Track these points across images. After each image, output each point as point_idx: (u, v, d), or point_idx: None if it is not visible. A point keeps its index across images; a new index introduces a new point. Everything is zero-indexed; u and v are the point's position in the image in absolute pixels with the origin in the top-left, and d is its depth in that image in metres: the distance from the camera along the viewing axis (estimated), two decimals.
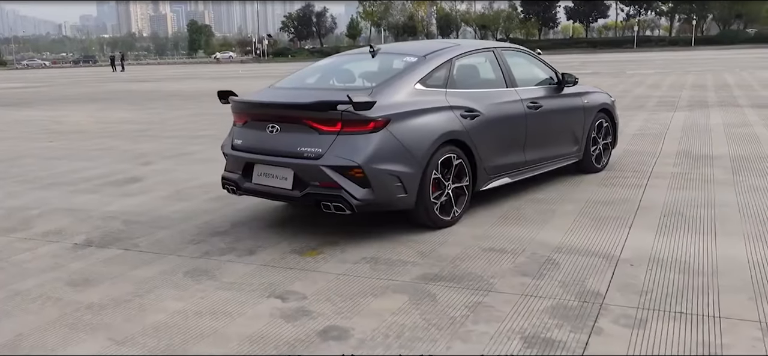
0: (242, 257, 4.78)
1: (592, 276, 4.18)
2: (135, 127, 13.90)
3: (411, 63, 5.47)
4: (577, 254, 4.59)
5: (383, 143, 4.86)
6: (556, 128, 6.61)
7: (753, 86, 18.96)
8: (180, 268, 4.59)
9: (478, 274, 4.27)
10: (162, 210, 6.30)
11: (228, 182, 5.51)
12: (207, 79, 39.20)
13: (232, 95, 5.55)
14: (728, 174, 7.03)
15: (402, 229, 5.28)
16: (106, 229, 5.68)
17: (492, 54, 6.20)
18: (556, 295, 3.88)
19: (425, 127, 5.15)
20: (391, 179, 4.91)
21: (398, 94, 5.12)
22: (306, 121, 4.94)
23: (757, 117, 11.92)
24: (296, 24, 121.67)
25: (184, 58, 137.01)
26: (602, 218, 5.48)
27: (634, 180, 6.89)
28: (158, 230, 5.58)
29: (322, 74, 6.09)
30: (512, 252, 4.68)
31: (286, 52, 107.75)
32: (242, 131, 5.44)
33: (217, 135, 11.85)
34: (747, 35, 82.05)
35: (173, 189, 7.25)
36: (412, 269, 4.42)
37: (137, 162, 9.14)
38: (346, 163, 4.77)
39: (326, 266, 4.54)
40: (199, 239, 5.29)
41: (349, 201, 4.78)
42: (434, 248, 4.83)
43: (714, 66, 32.24)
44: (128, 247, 5.14)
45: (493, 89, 5.98)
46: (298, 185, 4.98)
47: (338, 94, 5.02)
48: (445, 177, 5.29)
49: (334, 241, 5.08)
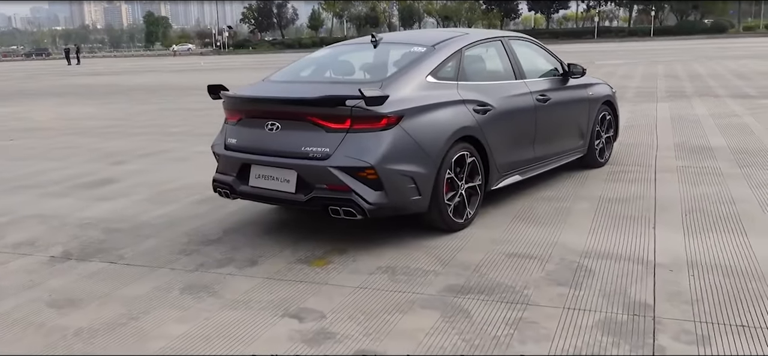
0: (243, 270, 4.33)
1: (632, 283, 3.85)
2: (101, 123, 13.21)
3: (420, 54, 5.06)
4: (609, 259, 4.26)
5: (396, 142, 4.45)
6: (564, 122, 6.28)
7: (725, 76, 19.02)
8: (175, 284, 4.13)
9: (508, 284, 3.91)
10: (144, 216, 5.79)
11: (221, 185, 5.04)
12: (168, 72, 38.20)
13: (223, 90, 5.07)
14: (735, 168, 6.80)
15: (412, 233, 4.89)
16: (84, 238, 5.16)
17: (500, 43, 5.84)
18: (601, 308, 3.54)
19: (439, 123, 4.76)
20: (404, 181, 4.51)
21: (410, 87, 4.72)
22: (311, 118, 4.51)
23: (741, 107, 11.81)
24: (257, 15, 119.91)
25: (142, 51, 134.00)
26: (621, 217, 5.16)
27: (641, 175, 6.61)
28: (143, 239, 5.08)
29: (321, 66, 5.65)
30: (538, 258, 4.33)
31: (247, 44, 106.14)
32: (237, 129, 4.98)
33: (191, 131, 11.30)
34: (704, 26, 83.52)
35: (153, 191, 6.73)
36: (435, 279, 4.03)
37: (108, 161, 8.56)
38: (358, 163, 4.35)
39: (339, 277, 4.13)
40: (190, 248, 4.82)
41: (361, 205, 4.37)
42: (453, 255, 4.45)
43: (679, 56, 32.53)
44: (113, 259, 4.64)
45: (503, 82, 5.62)
46: (303, 187, 4.55)
47: (346, 88, 4.60)
48: (458, 176, 4.91)
49: (341, 248, 4.67)
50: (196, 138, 10.40)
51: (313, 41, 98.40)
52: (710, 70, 21.80)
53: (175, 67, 44.62)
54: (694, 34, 75.76)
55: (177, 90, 22.20)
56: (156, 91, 22.27)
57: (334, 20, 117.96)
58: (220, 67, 41.39)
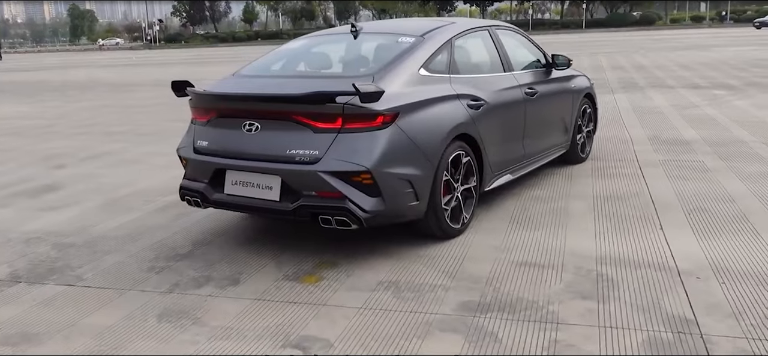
0: (225, 290, 3.82)
1: (662, 294, 3.52)
2: (35, 123, 12.26)
3: (409, 44, 4.63)
4: (628, 267, 3.93)
5: (393, 142, 4.01)
6: (551, 117, 5.97)
7: (670, 67, 19.26)
8: (149, 309, 3.59)
9: (529, 299, 3.52)
10: (98, 227, 5.18)
11: (190, 193, 4.49)
12: (99, 67, 36.56)
13: (189, 86, 4.52)
14: (717, 161, 6.63)
15: (404, 240, 4.46)
16: (34, 256, 4.54)
17: (487, 33, 5.46)
18: (640, 325, 3.19)
19: (435, 120, 4.34)
20: (402, 185, 4.08)
21: (403, 82, 4.28)
22: (297, 116, 4.02)
23: (698, 98, 11.83)
24: (188, 8, 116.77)
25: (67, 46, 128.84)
26: (623, 218, 4.86)
27: (626, 170, 6.36)
28: (103, 256, 4.49)
29: (299, 59, 5.15)
30: (552, 267, 3.97)
31: (179, 38, 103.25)
32: (207, 130, 4.44)
33: (134, 130, 10.56)
34: (633, 18, 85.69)
35: (104, 199, 6.09)
36: (447, 295, 3.62)
37: (49, 165, 7.81)
38: (352, 167, 3.89)
39: (338, 296, 3.66)
40: (159, 265, 4.26)
41: (356, 214, 3.91)
42: (458, 265, 4.05)
43: (617, 48, 33.04)
44: (70, 281, 4.05)
45: (493, 74, 5.25)
46: (288, 195, 4.06)
47: (335, 83, 4.12)
48: (454, 178, 4.51)
49: (331, 261, 4.20)
50: (142, 138, 9.70)
51: (248, 35, 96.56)
52: (652, 61, 22.09)
53: (106, 62, 42.81)
54: (624, 27, 77.61)
55: (112, 86, 21.08)
56: (90, 87, 21.10)
57: (269, 14, 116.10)
58: (153, 62, 39.91)
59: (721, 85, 13.85)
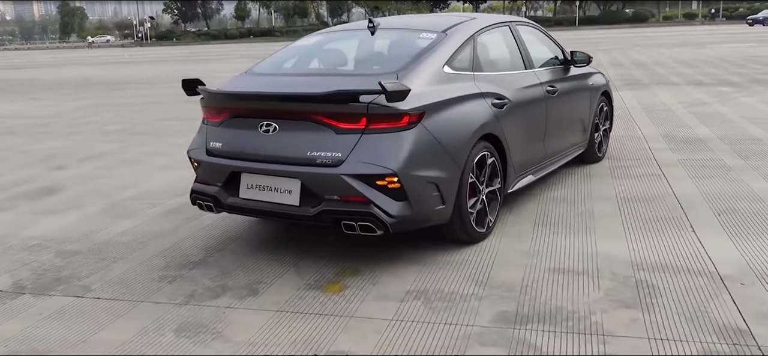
0: (245, 300, 3.61)
1: (708, 302, 3.34)
2: (31, 122, 11.98)
3: (432, 40, 4.42)
4: (666, 272, 3.74)
5: (419, 143, 3.81)
6: (570, 115, 5.78)
7: (669, 64, 19.14)
8: (165, 323, 3.37)
9: (569, 309, 3.33)
10: (103, 233, 4.95)
11: (202, 197, 4.28)
12: (91, 64, 36.15)
13: (200, 85, 4.30)
14: (737, 159, 6.46)
15: (427, 245, 4.27)
16: (37, 265, 4.31)
17: (508, 29, 5.26)
18: (691, 336, 3.00)
19: (461, 120, 4.15)
20: (428, 188, 3.88)
21: (427, 80, 4.07)
22: (318, 117, 3.81)
23: (705, 95, 11.68)
24: (180, 6, 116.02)
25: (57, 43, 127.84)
26: (652, 220, 4.68)
27: (646, 170, 6.19)
28: (110, 264, 4.27)
29: (315, 56, 4.93)
30: (587, 273, 3.78)
31: (171, 35, 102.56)
32: (221, 131, 4.22)
33: (131, 129, 10.32)
34: (625, 15, 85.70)
35: (107, 202, 5.86)
36: (480, 305, 3.42)
37: (48, 166, 7.56)
38: (377, 170, 3.69)
39: (365, 307, 3.46)
40: (171, 274, 4.04)
41: (382, 219, 3.70)
42: (487, 272, 3.85)
43: (614, 45, 32.93)
44: (78, 292, 3.83)
45: (516, 72, 5.06)
46: (309, 199, 3.85)
47: (358, 81, 3.92)
48: (479, 180, 4.31)
49: (353, 268, 4.00)
50: (139, 137, 9.46)
51: (241, 33, 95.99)
52: (651, 58, 21.96)
53: (99, 60, 42.36)
54: (617, 24, 77.60)
55: (107, 84, 20.75)
56: (84, 85, 20.77)
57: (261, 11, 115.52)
58: (147, 60, 39.55)
59: (725, 81, 13.71)
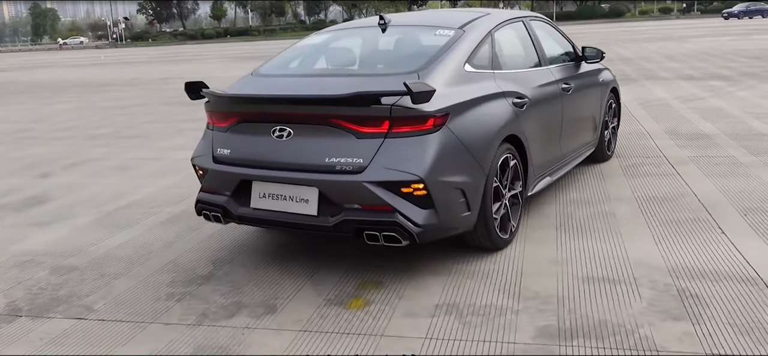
0: (262, 319, 3.35)
1: (760, 312, 3.15)
2: (11, 126, 11.56)
3: (449, 37, 4.19)
4: (707, 279, 3.55)
5: (445, 147, 3.58)
6: (583, 113, 5.59)
7: (655, 58, 19.11)
8: (180, 347, 3.11)
9: (614, 322, 3.12)
10: (100, 246, 4.66)
11: (209, 207, 4.01)
12: (67, 67, 35.46)
13: (204, 87, 4.03)
14: (749, 156, 6.32)
15: (446, 252, 4.05)
16: (32, 284, 4.01)
17: (522, 24, 5.05)
18: (751, 349, 2.81)
19: (485, 121, 3.93)
20: (455, 195, 3.65)
21: (449, 79, 3.84)
22: (336, 120, 3.56)
23: (698, 89, 11.59)
24: (154, 6, 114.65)
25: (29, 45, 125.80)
26: (677, 222, 4.50)
27: (658, 168, 6.02)
28: (111, 281, 3.99)
29: (326, 55, 4.67)
30: (624, 281, 3.57)
31: (146, 36, 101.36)
32: (229, 137, 3.96)
33: (118, 133, 9.97)
34: (602, 10, 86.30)
35: (99, 212, 5.55)
36: (518, 320, 3.20)
37: (32, 174, 7.22)
38: (403, 176, 3.45)
39: (394, 325, 3.23)
40: (179, 291, 3.77)
41: (408, 228, 3.46)
42: (517, 282, 3.64)
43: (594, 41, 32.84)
44: (80, 313, 3.55)
45: (532, 69, 4.85)
46: (328, 209, 3.60)
47: (379, 81, 3.68)
48: (501, 184, 4.09)
49: (374, 280, 3.76)
50: (127, 141, 9.13)
51: (217, 32, 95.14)
52: (635, 53, 21.95)
53: (75, 62, 41.60)
54: (594, 19, 78.06)
55: (86, 86, 20.26)
56: (62, 88, 20.26)
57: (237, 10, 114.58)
58: (125, 61, 38.90)
59: (715, 75, 13.66)
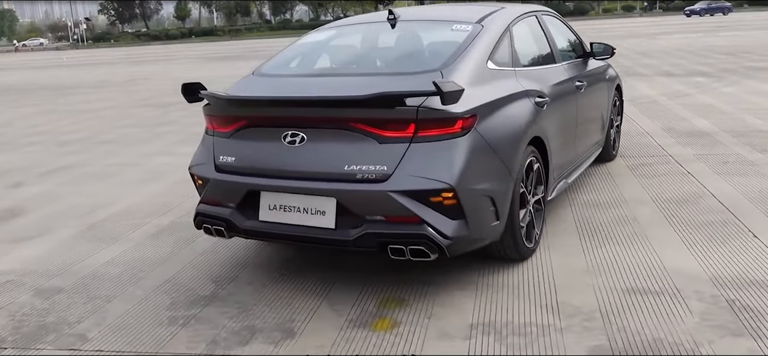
0: (281, 346, 3.03)
1: None
2: None
3: (468, 33, 3.89)
4: (756, 289, 3.32)
5: (474, 151, 3.29)
6: (594, 112, 5.36)
7: (630, 55, 19.13)
8: None
9: (670, 341, 2.87)
10: (86, 263, 4.28)
11: (211, 220, 3.66)
12: (31, 69, 34.40)
13: (202, 89, 3.68)
14: (755, 153, 6.16)
15: (467, 264, 3.76)
16: (15, 309, 3.62)
17: (535, 19, 4.78)
18: None
19: (511, 123, 3.65)
20: (485, 203, 3.37)
21: (473, 78, 3.55)
22: (356, 124, 3.25)
23: (682, 85, 11.52)
24: (116, 6, 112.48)
25: None
26: (705, 225, 4.28)
27: (666, 167, 5.82)
28: (104, 305, 3.61)
29: (334, 53, 4.35)
30: (667, 293, 3.33)
31: (108, 37, 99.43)
32: (234, 143, 3.61)
33: (91, 137, 9.51)
34: (567, 8, 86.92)
35: (82, 225, 5.15)
36: (564, 339, 2.93)
37: (4, 184, 6.75)
38: (432, 185, 3.16)
39: (428, 347, 2.93)
40: (182, 315, 3.42)
41: (437, 241, 3.17)
42: (552, 295, 3.37)
43: None
44: (73, 344, 3.18)
45: (549, 66, 4.59)
46: (347, 221, 3.28)
47: (402, 80, 3.38)
48: (526, 189, 3.82)
49: (396, 297, 3.46)
50: (103, 147, 8.66)
51: (182, 33, 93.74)
52: None
53: (36, 64, 40.42)
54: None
55: (52, 89, 19.54)
56: (28, 91, 19.51)
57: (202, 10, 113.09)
58: (88, 62, 37.90)
59: (696, 72, 13.63)
